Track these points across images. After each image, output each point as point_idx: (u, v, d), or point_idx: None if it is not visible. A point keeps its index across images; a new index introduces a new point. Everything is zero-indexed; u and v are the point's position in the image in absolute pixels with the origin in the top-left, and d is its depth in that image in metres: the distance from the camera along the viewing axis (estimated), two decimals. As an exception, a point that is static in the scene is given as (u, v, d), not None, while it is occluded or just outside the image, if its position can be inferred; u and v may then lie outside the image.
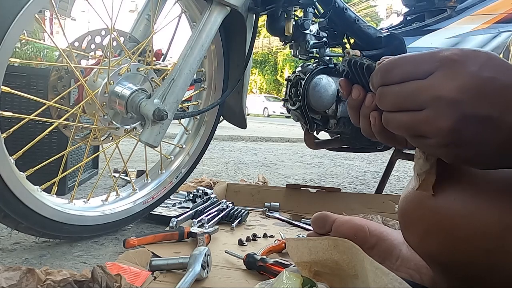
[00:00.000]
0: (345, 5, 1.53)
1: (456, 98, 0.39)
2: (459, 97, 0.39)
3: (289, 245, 0.67)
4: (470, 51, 0.41)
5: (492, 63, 0.40)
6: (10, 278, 0.63)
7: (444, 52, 0.41)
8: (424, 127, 0.41)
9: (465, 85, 0.39)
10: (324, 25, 1.55)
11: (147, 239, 0.98)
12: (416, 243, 0.55)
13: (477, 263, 0.44)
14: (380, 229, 0.71)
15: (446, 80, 0.40)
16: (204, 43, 1.08)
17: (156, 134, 1.02)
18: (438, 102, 0.40)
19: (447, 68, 0.40)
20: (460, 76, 0.39)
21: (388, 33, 1.65)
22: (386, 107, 0.45)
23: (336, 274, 0.58)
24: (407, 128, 0.43)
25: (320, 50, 1.51)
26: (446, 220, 0.46)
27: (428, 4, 1.81)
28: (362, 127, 0.51)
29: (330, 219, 0.73)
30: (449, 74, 0.40)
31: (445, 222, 0.47)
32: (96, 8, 1.07)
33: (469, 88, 0.39)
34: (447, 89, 0.39)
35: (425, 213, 0.50)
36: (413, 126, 0.42)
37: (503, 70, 0.39)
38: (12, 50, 0.88)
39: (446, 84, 0.39)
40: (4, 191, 0.89)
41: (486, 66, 0.39)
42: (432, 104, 0.40)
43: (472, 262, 0.45)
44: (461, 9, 1.74)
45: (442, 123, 0.40)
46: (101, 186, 1.75)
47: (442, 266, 0.53)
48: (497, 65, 0.40)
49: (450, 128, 0.40)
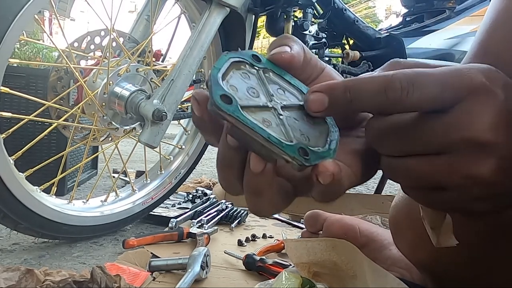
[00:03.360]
0: (344, 6, 1.53)
1: (491, 140, 0.29)
2: (493, 138, 0.29)
3: (288, 246, 0.67)
4: (491, 71, 0.31)
5: (509, 86, 0.31)
6: (9, 278, 0.63)
7: (473, 76, 0.30)
8: (448, 177, 0.30)
9: (498, 121, 0.29)
10: (323, 26, 1.55)
11: (147, 240, 0.98)
12: (406, 250, 0.55)
13: (464, 272, 0.43)
14: (371, 229, 0.71)
15: (476, 116, 0.29)
16: (203, 43, 1.08)
17: (155, 135, 1.02)
18: (468, 143, 0.29)
19: (477, 98, 0.29)
20: (490, 110, 0.29)
21: (387, 34, 1.65)
22: (390, 151, 0.32)
23: (335, 275, 0.59)
24: (421, 178, 0.31)
25: (320, 51, 1.51)
26: None
27: (427, 5, 1.81)
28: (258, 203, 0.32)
29: (321, 217, 0.73)
30: (478, 107, 0.29)
31: None
32: (95, 9, 1.07)
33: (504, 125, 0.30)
34: (479, 128, 0.29)
35: (415, 222, 0.48)
36: (431, 175, 0.31)
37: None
38: (12, 50, 0.88)
39: (477, 122, 0.29)
40: (3, 191, 0.89)
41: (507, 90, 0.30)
42: (460, 147, 0.29)
43: (459, 271, 0.44)
44: (460, 10, 1.75)
45: (476, 169, 0.29)
46: (100, 187, 1.75)
47: (430, 273, 0.53)
48: (510, 86, 0.31)
49: (487, 177, 0.30)
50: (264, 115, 0.29)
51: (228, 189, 0.34)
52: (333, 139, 0.31)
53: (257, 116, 0.28)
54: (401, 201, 0.53)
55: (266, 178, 0.30)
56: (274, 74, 0.32)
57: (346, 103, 0.30)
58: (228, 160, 0.31)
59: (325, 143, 0.31)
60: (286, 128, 0.29)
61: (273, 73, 0.32)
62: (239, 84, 0.29)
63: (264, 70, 0.32)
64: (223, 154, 0.31)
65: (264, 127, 0.28)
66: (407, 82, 0.29)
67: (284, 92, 0.32)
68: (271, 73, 0.32)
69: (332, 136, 0.31)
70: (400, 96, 0.29)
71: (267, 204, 0.32)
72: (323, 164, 0.29)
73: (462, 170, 0.30)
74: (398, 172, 0.32)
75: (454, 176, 0.30)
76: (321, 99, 0.30)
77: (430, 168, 0.30)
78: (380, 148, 0.32)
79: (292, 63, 0.32)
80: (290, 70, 0.33)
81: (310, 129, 0.31)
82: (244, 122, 0.27)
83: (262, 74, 0.31)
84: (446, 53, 1.70)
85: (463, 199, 0.31)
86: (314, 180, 0.29)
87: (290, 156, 0.28)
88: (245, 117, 0.27)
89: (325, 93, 0.30)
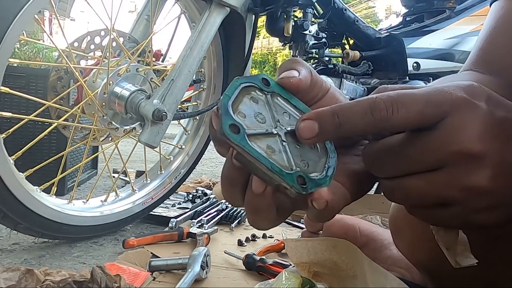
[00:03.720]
0: (344, 6, 1.53)
1: (481, 150, 0.30)
2: (483, 148, 0.30)
3: (288, 246, 0.67)
4: (473, 86, 0.32)
5: (493, 99, 0.32)
6: (9, 278, 0.63)
7: (454, 92, 0.31)
8: (446, 191, 0.31)
9: (485, 132, 0.31)
10: (323, 26, 1.55)
11: (147, 240, 0.98)
12: (405, 250, 0.55)
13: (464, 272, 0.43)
14: (371, 229, 0.71)
15: (462, 129, 0.30)
16: (203, 43, 1.08)
17: (155, 135, 1.02)
18: (461, 156, 0.30)
19: (461, 112, 0.31)
20: (475, 122, 0.31)
21: (387, 34, 1.65)
22: (387, 172, 0.33)
23: (335, 275, 0.58)
24: (421, 196, 0.32)
25: (320, 51, 1.51)
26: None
27: (427, 5, 1.81)
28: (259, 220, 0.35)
29: None
30: (464, 120, 0.31)
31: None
32: (95, 9, 1.07)
33: (492, 135, 0.31)
34: (466, 140, 0.30)
35: (414, 221, 0.49)
36: (430, 192, 0.31)
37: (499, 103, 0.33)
38: (12, 50, 0.88)
39: (464, 134, 0.30)
40: (4, 191, 0.89)
41: (491, 102, 0.32)
42: (453, 161, 0.31)
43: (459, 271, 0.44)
44: (460, 10, 1.75)
45: (473, 180, 0.30)
46: (100, 187, 1.74)
47: (430, 273, 0.53)
48: (496, 100, 0.33)
49: (484, 185, 0.30)
50: (268, 142, 0.31)
51: (230, 202, 0.36)
52: (330, 166, 0.34)
53: (262, 143, 0.31)
54: None
55: (265, 199, 0.32)
56: (282, 98, 0.34)
57: (335, 127, 0.31)
58: (232, 179, 0.34)
59: (323, 169, 0.33)
60: (287, 155, 0.32)
61: (280, 97, 0.34)
62: (247, 110, 0.32)
63: (272, 94, 0.34)
64: (228, 173, 0.33)
65: (267, 156, 0.30)
66: (391, 101, 0.30)
67: (289, 117, 0.34)
68: (279, 98, 0.34)
69: (330, 162, 0.34)
70: (386, 115, 0.30)
71: (265, 221, 0.35)
72: (318, 192, 0.31)
73: (459, 183, 0.31)
74: (398, 192, 0.33)
75: (453, 190, 0.31)
76: (311, 126, 0.31)
77: (428, 185, 0.31)
78: (377, 171, 0.34)
79: (299, 87, 0.34)
80: (297, 93, 0.35)
81: (311, 153, 0.33)
82: (249, 152, 0.29)
83: (270, 99, 0.34)
84: (446, 53, 1.70)
85: (466, 212, 0.32)
86: (309, 205, 0.32)
87: (289, 185, 0.31)
88: (250, 146, 0.30)
89: (314, 120, 0.31)
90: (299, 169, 0.31)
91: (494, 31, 0.53)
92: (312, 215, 0.34)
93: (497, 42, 0.53)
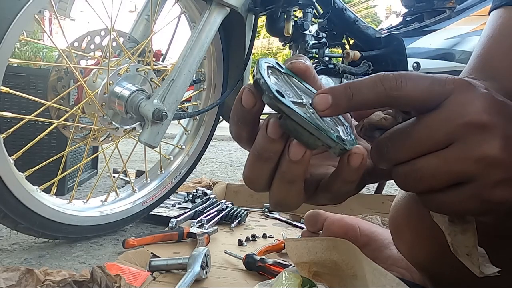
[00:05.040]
0: (344, 6, 1.53)
1: (488, 120, 0.31)
2: (489, 119, 0.31)
3: (288, 246, 0.67)
4: (471, 79, 0.34)
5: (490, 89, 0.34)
6: (9, 278, 0.63)
7: (455, 77, 0.33)
8: (460, 166, 0.31)
9: (489, 106, 0.32)
10: (323, 26, 1.55)
11: (147, 240, 0.98)
12: (405, 251, 0.55)
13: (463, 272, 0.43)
14: (371, 228, 0.71)
15: (467, 104, 0.32)
16: (203, 43, 1.08)
17: (155, 135, 1.02)
18: (470, 128, 0.31)
19: (464, 90, 0.32)
20: (479, 97, 0.32)
21: (388, 34, 1.65)
22: (398, 157, 0.33)
23: (335, 275, 0.58)
24: (435, 176, 0.32)
25: (320, 51, 1.51)
26: (433, 229, 0.45)
27: (428, 5, 1.81)
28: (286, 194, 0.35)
29: (322, 217, 0.73)
30: (468, 96, 0.32)
31: (432, 231, 0.44)
32: (95, 9, 1.07)
33: (496, 110, 0.32)
34: (473, 112, 0.31)
35: (414, 222, 0.48)
36: (444, 169, 0.31)
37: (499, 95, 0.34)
38: (12, 50, 0.88)
39: (470, 107, 0.31)
40: (4, 191, 0.89)
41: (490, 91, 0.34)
42: (463, 134, 0.31)
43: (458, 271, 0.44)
44: (460, 10, 1.75)
45: (485, 151, 0.31)
46: (100, 187, 1.75)
47: (429, 273, 0.53)
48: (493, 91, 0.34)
49: (496, 155, 0.31)
50: (303, 110, 0.33)
51: (255, 184, 0.36)
52: (350, 131, 0.37)
53: (299, 110, 0.32)
54: (401, 201, 0.53)
55: (302, 165, 0.33)
56: (295, 79, 0.37)
57: (348, 98, 0.33)
58: (267, 153, 0.34)
59: (347, 134, 0.36)
60: (320, 121, 0.33)
61: (294, 78, 0.37)
62: (276, 84, 0.33)
63: (287, 74, 0.37)
64: (263, 147, 0.34)
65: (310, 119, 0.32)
66: (400, 75, 0.33)
67: (305, 94, 0.36)
68: (293, 78, 0.37)
69: (348, 128, 0.37)
70: (395, 85, 0.32)
71: (296, 194, 0.36)
72: (356, 148, 0.34)
73: (472, 155, 0.31)
74: (411, 177, 0.33)
75: (466, 163, 0.31)
76: (325, 98, 0.33)
77: (441, 162, 0.31)
78: (388, 159, 0.34)
79: (307, 72, 0.38)
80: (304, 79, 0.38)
81: (331, 123, 0.35)
82: (298, 113, 0.31)
83: (287, 78, 0.36)
84: (446, 53, 1.70)
85: (482, 188, 0.32)
86: (345, 163, 0.33)
87: (334, 142, 0.32)
88: (298, 109, 0.31)
89: (328, 93, 0.33)
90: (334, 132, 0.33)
91: (492, 39, 0.55)
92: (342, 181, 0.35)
93: (494, 50, 0.54)
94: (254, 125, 0.36)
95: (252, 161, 0.35)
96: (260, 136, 0.34)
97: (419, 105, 0.33)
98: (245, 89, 0.34)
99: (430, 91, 0.32)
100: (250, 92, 0.34)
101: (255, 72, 0.33)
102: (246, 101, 0.34)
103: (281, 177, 0.34)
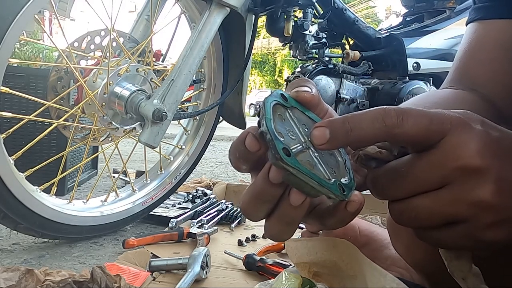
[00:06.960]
0: (344, 6, 1.53)
1: (481, 165, 0.32)
2: (483, 163, 0.32)
3: (288, 246, 0.67)
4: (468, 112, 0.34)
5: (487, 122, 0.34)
6: (9, 278, 0.63)
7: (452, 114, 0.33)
8: (454, 208, 0.32)
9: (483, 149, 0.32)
10: (323, 26, 1.55)
11: (147, 240, 0.98)
12: (402, 251, 0.55)
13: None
14: (370, 228, 0.71)
15: (462, 146, 0.32)
16: (203, 43, 1.08)
17: (155, 135, 1.02)
18: (463, 172, 0.32)
19: (459, 131, 0.32)
20: (473, 140, 0.32)
21: (388, 34, 1.65)
22: (394, 194, 0.34)
23: (335, 275, 0.58)
24: (430, 215, 0.33)
25: (320, 51, 1.51)
26: None
27: (428, 5, 1.81)
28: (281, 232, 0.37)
29: None
30: (463, 138, 0.32)
31: None
32: (95, 9, 1.07)
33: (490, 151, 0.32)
34: (467, 155, 0.31)
35: None
36: (438, 209, 0.32)
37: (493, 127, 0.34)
38: (12, 50, 0.88)
39: (464, 151, 0.32)
40: (3, 191, 0.89)
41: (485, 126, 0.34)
42: (457, 177, 0.32)
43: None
44: (460, 10, 1.75)
45: (477, 195, 0.31)
46: (100, 187, 1.75)
47: (427, 274, 0.54)
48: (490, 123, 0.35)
49: (488, 200, 0.31)
50: (306, 157, 0.33)
51: (252, 217, 0.37)
52: (349, 167, 0.36)
53: (303, 160, 0.32)
54: None
55: (302, 210, 0.34)
56: (298, 111, 0.36)
57: (346, 133, 0.32)
58: (267, 195, 0.34)
59: (346, 173, 0.35)
60: (322, 166, 0.34)
61: (297, 110, 0.36)
62: (282, 129, 0.33)
63: (291, 108, 0.36)
64: (263, 189, 0.34)
65: (314, 172, 0.32)
66: (401, 111, 0.32)
67: (307, 128, 0.36)
68: (296, 111, 0.36)
69: (347, 164, 0.36)
70: (396, 122, 0.32)
71: (291, 232, 0.37)
72: (354, 195, 0.34)
73: (465, 198, 0.32)
74: (406, 214, 0.34)
75: (459, 206, 0.32)
76: (323, 132, 0.32)
77: (435, 203, 0.32)
78: (385, 194, 0.35)
79: (312, 102, 0.37)
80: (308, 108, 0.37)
81: (330, 159, 0.35)
82: (303, 171, 0.31)
83: (291, 113, 0.36)
84: (446, 53, 1.70)
85: (474, 229, 0.33)
86: (342, 209, 0.34)
87: (335, 195, 0.33)
88: (302, 166, 0.31)
89: (326, 126, 0.33)
90: (335, 178, 0.33)
91: (468, 53, 0.59)
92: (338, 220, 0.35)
93: (470, 63, 0.58)
94: (256, 163, 0.36)
95: (250, 199, 0.35)
96: (261, 178, 0.34)
97: (417, 143, 0.33)
98: (249, 133, 0.34)
99: (428, 129, 0.32)
100: (254, 138, 0.33)
101: (261, 117, 0.33)
102: (250, 145, 0.34)
103: (279, 218, 0.35)
